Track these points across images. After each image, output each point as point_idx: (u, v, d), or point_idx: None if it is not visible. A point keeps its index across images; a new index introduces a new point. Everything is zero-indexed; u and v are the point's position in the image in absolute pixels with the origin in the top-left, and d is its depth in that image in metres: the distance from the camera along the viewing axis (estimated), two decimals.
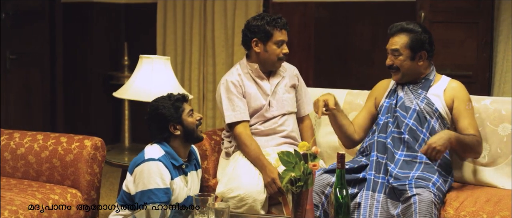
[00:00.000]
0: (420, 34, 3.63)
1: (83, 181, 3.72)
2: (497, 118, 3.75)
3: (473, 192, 3.58)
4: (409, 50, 3.62)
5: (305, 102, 4.03)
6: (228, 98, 3.82)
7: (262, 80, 3.88)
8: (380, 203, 3.39)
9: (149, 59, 4.28)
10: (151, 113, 3.48)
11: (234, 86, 3.82)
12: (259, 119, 3.87)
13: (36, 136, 3.86)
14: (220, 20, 5.98)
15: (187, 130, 3.46)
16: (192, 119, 3.48)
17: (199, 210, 2.97)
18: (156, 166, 3.33)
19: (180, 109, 3.46)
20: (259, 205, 3.56)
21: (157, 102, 3.49)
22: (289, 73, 3.97)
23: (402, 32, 3.65)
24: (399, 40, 3.64)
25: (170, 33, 6.16)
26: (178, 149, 3.49)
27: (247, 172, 3.64)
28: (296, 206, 2.80)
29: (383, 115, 3.70)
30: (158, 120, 3.45)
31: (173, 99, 3.47)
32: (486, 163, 3.75)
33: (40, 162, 3.79)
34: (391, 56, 3.68)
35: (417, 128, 3.57)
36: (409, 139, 3.54)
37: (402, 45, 3.62)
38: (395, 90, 3.74)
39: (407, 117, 3.60)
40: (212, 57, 6.07)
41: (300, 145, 2.80)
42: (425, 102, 3.63)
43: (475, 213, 3.30)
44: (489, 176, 3.73)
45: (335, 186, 2.81)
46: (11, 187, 3.61)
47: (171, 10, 6.13)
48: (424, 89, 3.67)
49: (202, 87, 6.12)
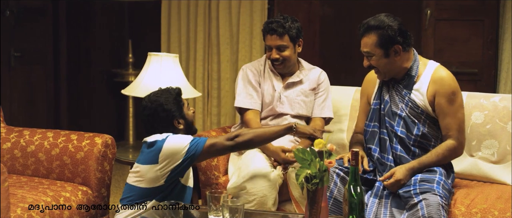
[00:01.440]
0: (387, 29, 3.42)
1: (93, 179, 3.72)
2: (506, 115, 3.76)
3: (483, 189, 3.59)
4: (380, 49, 3.45)
5: (317, 105, 4.01)
6: (244, 85, 3.94)
7: (275, 77, 3.96)
8: (388, 210, 3.36)
9: (158, 56, 4.28)
10: (156, 109, 3.40)
11: (252, 75, 3.95)
12: (270, 113, 3.93)
13: (46, 134, 3.86)
14: (225, 17, 5.98)
15: (188, 123, 3.47)
16: (190, 111, 3.50)
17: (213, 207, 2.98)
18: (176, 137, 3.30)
19: (181, 102, 3.44)
20: (271, 201, 3.56)
21: (160, 97, 3.41)
22: (311, 76, 4.00)
23: (370, 32, 3.47)
24: (368, 40, 3.46)
25: (174, 31, 6.16)
26: None
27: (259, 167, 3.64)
28: (311, 203, 2.81)
29: (371, 120, 3.59)
30: (164, 116, 3.39)
31: (173, 93, 3.43)
32: (495, 160, 3.76)
33: (50, 159, 3.78)
34: (365, 59, 3.54)
35: (406, 135, 3.48)
36: (401, 154, 3.47)
37: (372, 45, 3.45)
38: (381, 90, 3.61)
39: (395, 125, 3.50)
40: (217, 54, 6.07)
41: (316, 142, 2.81)
42: (410, 106, 3.49)
43: (487, 210, 3.31)
44: (499, 173, 3.74)
45: (349, 183, 2.82)
46: (22, 185, 3.61)
47: (175, 7, 6.13)
48: (408, 89, 3.51)
49: (207, 84, 6.12)
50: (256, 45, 5.88)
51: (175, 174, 3.26)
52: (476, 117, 3.82)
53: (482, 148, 3.80)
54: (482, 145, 3.79)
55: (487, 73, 5.14)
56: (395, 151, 3.48)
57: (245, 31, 5.91)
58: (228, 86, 6.05)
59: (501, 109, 3.78)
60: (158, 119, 3.42)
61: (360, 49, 3.53)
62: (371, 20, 3.50)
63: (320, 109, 4.01)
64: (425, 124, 3.48)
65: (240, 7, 5.92)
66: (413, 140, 3.47)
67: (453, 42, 5.15)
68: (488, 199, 3.40)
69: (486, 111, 3.80)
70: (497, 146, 3.76)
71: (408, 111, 3.49)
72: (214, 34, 6.05)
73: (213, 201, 2.98)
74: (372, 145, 3.55)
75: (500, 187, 3.64)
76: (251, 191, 3.53)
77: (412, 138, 3.47)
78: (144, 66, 4.30)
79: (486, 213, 3.29)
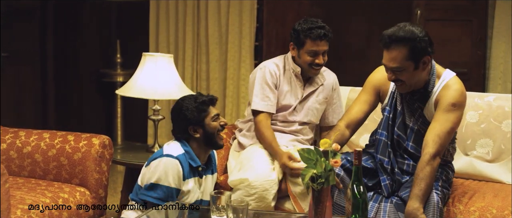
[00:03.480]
0: (420, 41, 3.15)
1: (91, 180, 3.71)
2: (500, 114, 3.80)
3: (480, 187, 3.63)
4: (411, 62, 3.17)
5: (334, 113, 4.02)
6: (261, 85, 3.83)
7: (298, 83, 3.87)
8: (387, 213, 3.36)
9: (153, 57, 4.27)
10: (175, 111, 3.43)
11: (270, 76, 3.84)
12: (281, 118, 3.89)
13: (42, 134, 3.83)
14: (214, 17, 5.97)
15: (207, 134, 3.39)
16: (215, 123, 3.40)
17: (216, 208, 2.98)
18: (173, 164, 3.30)
19: (204, 112, 3.37)
20: (271, 196, 3.57)
21: (183, 101, 3.42)
22: (326, 84, 3.96)
23: (398, 44, 3.15)
24: (398, 54, 3.15)
25: (163, 31, 6.14)
26: (197, 151, 3.42)
27: (261, 161, 3.67)
28: (317, 203, 2.82)
29: (381, 129, 3.46)
30: (179, 120, 3.40)
31: (198, 101, 3.39)
32: (490, 159, 3.81)
33: (47, 160, 3.76)
34: (391, 73, 3.23)
35: (416, 149, 3.34)
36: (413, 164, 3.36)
37: (403, 59, 3.16)
38: (394, 98, 3.42)
39: (406, 140, 3.38)
40: (205, 54, 6.06)
41: (321, 142, 2.81)
42: (421, 121, 3.35)
43: (485, 208, 3.35)
44: (494, 172, 3.79)
45: (352, 182, 2.82)
46: (19, 186, 3.58)
47: (163, 7, 6.11)
48: (421, 103, 3.33)
49: (196, 85, 6.11)
50: (245, 45, 5.88)
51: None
52: (471, 116, 3.86)
53: (477, 147, 3.84)
54: (477, 144, 3.84)
55: (476, 73, 5.19)
56: (403, 160, 3.41)
57: (234, 31, 5.91)
58: (216, 86, 6.04)
59: (495, 108, 3.82)
60: (176, 122, 3.44)
61: (383, 62, 3.25)
62: (397, 31, 3.18)
63: (336, 115, 3.99)
64: None
65: (229, 7, 5.91)
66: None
67: (442, 42, 5.18)
68: (485, 197, 3.44)
69: (480, 110, 3.85)
70: (492, 145, 3.80)
71: (419, 125, 3.36)
72: (203, 34, 6.05)
73: (215, 201, 2.98)
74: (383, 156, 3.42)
75: (496, 185, 3.68)
76: (253, 185, 3.53)
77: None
78: (139, 67, 4.28)
79: (484, 211, 3.33)
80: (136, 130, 6.41)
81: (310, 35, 3.71)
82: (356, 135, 3.99)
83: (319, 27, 3.73)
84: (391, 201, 3.36)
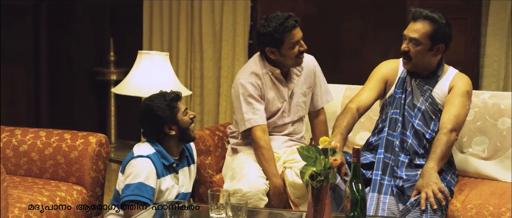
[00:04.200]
0: (444, 27, 3.46)
1: (88, 178, 3.70)
2: (496, 112, 3.83)
3: (476, 185, 3.65)
4: (429, 41, 3.44)
5: (320, 95, 3.95)
6: (246, 101, 3.68)
7: (281, 84, 3.77)
8: (386, 205, 3.39)
9: (148, 55, 4.27)
10: (146, 113, 3.44)
11: (254, 88, 3.70)
12: (270, 125, 3.81)
13: (39, 133, 3.82)
14: (208, 16, 5.96)
15: (182, 129, 3.44)
16: (186, 117, 3.45)
17: (214, 206, 2.98)
18: (145, 162, 3.33)
19: (175, 108, 3.42)
20: (262, 204, 3.56)
21: (152, 102, 3.43)
22: (305, 71, 3.85)
23: (426, 20, 3.45)
24: (422, 28, 3.43)
25: (156, 29, 6.13)
26: (171, 148, 3.48)
27: (253, 170, 3.64)
28: (316, 201, 2.82)
29: (393, 108, 3.59)
30: (153, 121, 3.42)
31: (168, 99, 3.42)
32: (486, 157, 3.83)
33: (43, 159, 3.75)
34: (408, 43, 3.47)
35: (423, 128, 3.50)
36: (413, 141, 3.49)
37: (423, 34, 3.42)
38: (404, 81, 3.60)
39: (413, 117, 3.52)
40: (199, 53, 6.05)
41: (321, 140, 2.82)
42: (429, 101, 3.53)
43: (482, 205, 3.36)
44: (490, 170, 3.81)
45: (351, 180, 2.83)
46: (16, 185, 3.57)
47: (157, 5, 6.10)
48: (430, 86, 3.55)
49: (190, 83, 6.10)
50: (239, 44, 5.88)
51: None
52: None
53: (472, 145, 3.86)
54: (473, 141, 3.86)
55: (470, 71, 5.19)
56: (406, 138, 3.51)
57: (228, 29, 5.90)
58: (210, 84, 6.04)
59: (491, 106, 3.85)
60: (148, 124, 3.44)
61: (404, 33, 3.47)
62: (430, 11, 3.48)
63: (324, 95, 3.96)
64: (438, 122, 3.50)
65: (223, 5, 5.91)
66: (429, 134, 3.50)
67: None
68: (482, 195, 3.46)
69: (476, 108, 3.87)
70: (488, 143, 3.82)
71: (427, 106, 3.52)
72: (197, 33, 6.04)
73: (214, 200, 2.98)
74: (393, 131, 3.54)
75: (492, 183, 3.70)
76: (247, 195, 3.50)
77: (428, 131, 3.50)
78: (135, 65, 4.28)
79: (481, 209, 3.35)
80: (130, 128, 6.39)
81: (285, 30, 3.62)
82: (353, 133, 4.02)
83: (287, 17, 3.65)
84: (392, 192, 3.39)
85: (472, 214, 3.34)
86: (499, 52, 5.08)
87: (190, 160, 3.65)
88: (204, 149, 3.87)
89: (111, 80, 6.23)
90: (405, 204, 3.30)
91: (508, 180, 3.74)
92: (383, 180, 3.45)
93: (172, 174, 3.47)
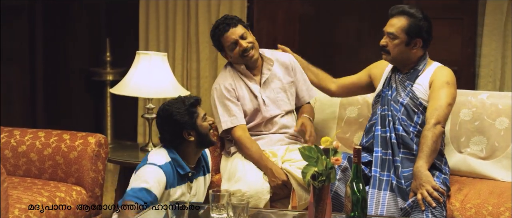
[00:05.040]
0: (420, 21, 3.56)
1: (87, 178, 3.69)
2: (494, 112, 3.84)
3: (475, 184, 3.67)
4: (405, 35, 3.56)
5: (304, 89, 3.98)
6: (222, 103, 3.76)
7: (250, 81, 3.82)
8: (386, 201, 3.42)
9: (147, 55, 4.26)
10: (165, 118, 3.34)
11: (227, 91, 3.77)
12: (259, 119, 3.83)
13: (37, 133, 3.82)
14: (204, 16, 5.96)
15: (201, 135, 3.34)
16: (206, 123, 3.37)
17: (215, 206, 2.98)
18: (155, 172, 3.23)
19: (195, 114, 3.33)
20: (262, 204, 3.57)
21: (171, 107, 3.33)
22: (283, 67, 3.89)
23: (402, 15, 3.58)
24: (398, 22, 3.57)
25: (153, 29, 6.12)
26: (189, 154, 3.38)
27: (252, 170, 3.65)
28: (318, 201, 2.82)
29: (381, 105, 3.68)
30: (172, 126, 3.32)
31: (187, 104, 3.33)
32: (484, 157, 3.84)
33: (42, 159, 3.74)
34: (386, 38, 3.62)
35: (406, 121, 3.57)
36: (403, 134, 3.55)
37: (399, 29, 3.56)
38: (390, 80, 3.70)
39: (398, 112, 3.60)
40: (196, 53, 6.05)
41: (322, 140, 2.83)
42: (410, 96, 3.60)
43: (481, 205, 3.38)
44: (488, 169, 3.82)
45: (351, 180, 2.84)
46: (15, 185, 3.57)
47: (153, 5, 6.09)
48: (410, 81, 3.63)
49: (186, 83, 6.10)
50: None
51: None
52: (464, 114, 3.89)
53: (470, 145, 3.87)
54: (471, 141, 3.87)
55: (467, 71, 5.23)
56: (397, 131, 3.57)
57: None
58: (207, 84, 6.04)
59: (489, 106, 3.86)
60: (167, 129, 3.35)
61: (384, 28, 3.63)
62: (408, 6, 3.62)
63: (308, 91, 4.00)
64: (421, 115, 3.57)
65: (220, 6, 5.91)
66: (413, 128, 3.56)
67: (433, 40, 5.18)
68: (481, 194, 3.48)
69: (474, 108, 3.88)
70: (486, 142, 3.84)
71: (408, 100, 3.59)
72: (193, 33, 6.03)
73: (215, 200, 2.98)
74: (381, 127, 3.62)
75: (490, 182, 3.72)
76: (246, 195, 3.50)
77: (411, 125, 3.57)
78: (133, 65, 4.27)
79: (480, 208, 3.36)
80: (126, 128, 6.39)
81: (220, 34, 3.75)
82: (351, 134, 4.06)
83: (221, 22, 3.76)
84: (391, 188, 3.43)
85: (471, 214, 3.35)
86: (496, 52, 5.10)
87: (206, 169, 3.58)
88: None
89: (107, 81, 6.22)
90: (404, 199, 3.33)
91: (506, 179, 3.75)
92: (382, 175, 3.50)
93: (185, 184, 3.39)
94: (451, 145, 3.87)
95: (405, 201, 3.36)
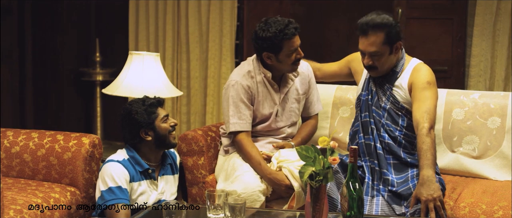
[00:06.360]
0: (393, 27, 3.45)
1: (81, 179, 3.68)
2: (486, 111, 3.87)
3: (468, 184, 3.69)
4: (387, 46, 3.47)
5: (314, 102, 3.98)
6: (235, 104, 3.69)
7: (273, 88, 3.77)
8: (379, 207, 3.43)
9: (139, 55, 4.26)
10: (124, 117, 3.48)
11: (245, 92, 3.70)
12: (265, 129, 3.83)
13: (31, 134, 3.80)
14: (194, 16, 5.95)
15: (158, 136, 3.44)
16: (165, 124, 3.46)
17: (212, 207, 2.99)
18: (114, 166, 3.36)
19: (154, 114, 3.44)
20: (258, 205, 3.57)
21: (131, 106, 3.46)
22: (301, 77, 3.86)
23: (376, 30, 3.44)
24: (376, 39, 3.44)
25: (142, 29, 6.10)
26: (148, 154, 3.50)
27: (250, 170, 3.65)
28: (315, 200, 2.84)
29: (363, 111, 3.65)
30: (130, 124, 3.45)
31: (147, 104, 3.44)
32: (477, 156, 3.87)
33: (36, 160, 3.73)
34: (369, 58, 3.49)
35: (391, 126, 3.56)
36: (389, 141, 3.54)
37: (380, 44, 3.44)
38: (369, 83, 3.66)
39: (382, 117, 3.58)
40: (186, 53, 6.04)
41: (320, 140, 2.84)
42: (391, 100, 3.58)
43: (475, 204, 3.40)
44: (480, 168, 3.84)
45: (348, 180, 2.85)
46: (9, 186, 3.55)
47: (143, 5, 6.07)
48: (390, 83, 3.58)
49: (176, 83, 6.08)
50: (226, 44, 5.88)
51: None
52: (457, 113, 3.92)
53: (463, 144, 3.90)
54: (463, 140, 3.90)
55: (457, 71, 5.26)
56: (383, 139, 3.55)
57: (214, 29, 5.90)
58: (197, 85, 6.03)
59: (481, 106, 3.89)
60: (126, 128, 3.47)
61: (360, 48, 3.50)
62: (374, 18, 3.46)
63: (317, 103, 3.99)
64: (405, 117, 3.57)
65: (210, 6, 5.90)
66: (399, 131, 3.56)
67: (423, 40, 5.25)
68: (474, 193, 3.50)
69: (466, 108, 3.91)
70: (478, 142, 3.86)
71: (390, 105, 3.57)
72: (183, 33, 6.03)
73: (211, 200, 2.99)
74: (364, 134, 3.60)
75: (483, 181, 3.74)
76: (242, 196, 3.50)
77: (397, 129, 3.56)
78: (125, 65, 4.27)
79: (474, 207, 3.39)
80: (116, 129, 6.35)
81: (285, 37, 3.57)
82: (345, 133, 4.06)
83: (287, 24, 3.59)
84: (383, 195, 3.41)
85: (465, 213, 3.37)
86: (485, 52, 5.13)
87: (175, 169, 3.65)
88: (197, 150, 3.87)
89: (97, 81, 6.19)
90: (399, 205, 3.34)
91: (499, 178, 3.78)
92: (374, 184, 3.51)
93: (148, 180, 3.48)
94: (443, 145, 3.90)
95: (401, 205, 3.36)
